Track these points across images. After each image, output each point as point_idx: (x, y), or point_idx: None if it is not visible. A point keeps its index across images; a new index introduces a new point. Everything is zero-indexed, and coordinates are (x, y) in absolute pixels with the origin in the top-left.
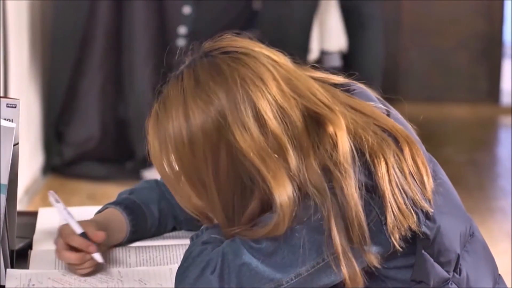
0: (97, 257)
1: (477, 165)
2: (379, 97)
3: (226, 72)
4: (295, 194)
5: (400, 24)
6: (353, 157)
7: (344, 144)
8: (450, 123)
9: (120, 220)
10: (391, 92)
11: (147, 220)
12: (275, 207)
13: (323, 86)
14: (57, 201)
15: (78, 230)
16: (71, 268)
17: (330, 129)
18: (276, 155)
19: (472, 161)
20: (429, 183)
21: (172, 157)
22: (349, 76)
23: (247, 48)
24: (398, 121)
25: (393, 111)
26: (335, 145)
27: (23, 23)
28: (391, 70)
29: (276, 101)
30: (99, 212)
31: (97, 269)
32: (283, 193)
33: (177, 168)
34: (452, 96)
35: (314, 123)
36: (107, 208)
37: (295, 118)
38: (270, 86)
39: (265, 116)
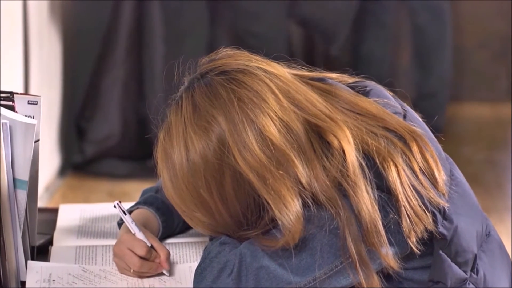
0: (166, 272)
1: (496, 164)
2: (394, 95)
3: (223, 95)
4: (305, 208)
5: None
6: (361, 167)
7: (351, 156)
8: (470, 122)
9: (154, 223)
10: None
11: (174, 220)
12: (281, 226)
13: (323, 95)
14: (124, 213)
15: (148, 243)
16: (121, 268)
17: (335, 142)
18: (281, 171)
19: (491, 160)
20: (441, 176)
21: (180, 185)
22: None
23: (243, 65)
24: (414, 119)
25: (409, 109)
26: (342, 158)
27: (44, 19)
28: None
29: (277, 115)
30: (130, 211)
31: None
32: (288, 212)
33: (185, 195)
34: (472, 95)
35: (317, 135)
36: (138, 208)
37: (298, 131)
38: (269, 101)
39: (268, 133)
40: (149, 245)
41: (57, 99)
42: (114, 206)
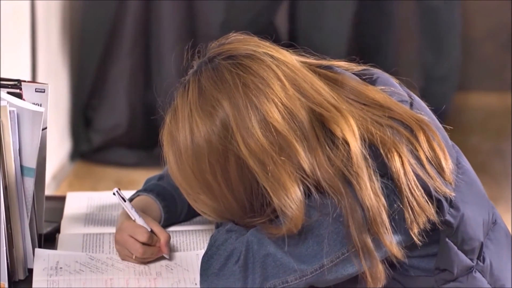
0: (166, 256)
1: (504, 153)
2: (400, 83)
3: (229, 79)
4: (310, 195)
5: None
6: (365, 157)
7: (355, 147)
8: (477, 112)
9: (154, 208)
10: None
11: (177, 206)
12: (280, 214)
13: (329, 84)
14: (124, 200)
15: (148, 228)
16: (123, 255)
17: (338, 132)
18: (283, 157)
19: (499, 149)
20: (448, 165)
21: (185, 167)
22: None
23: (251, 50)
24: (421, 108)
25: (416, 97)
26: (345, 148)
27: (52, 8)
28: None
29: (282, 102)
30: (130, 199)
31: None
32: (287, 199)
33: (190, 177)
34: (479, 85)
35: (321, 124)
36: (138, 195)
37: (302, 119)
38: (275, 87)
39: (271, 119)
40: (149, 230)
41: (64, 88)
42: (114, 194)
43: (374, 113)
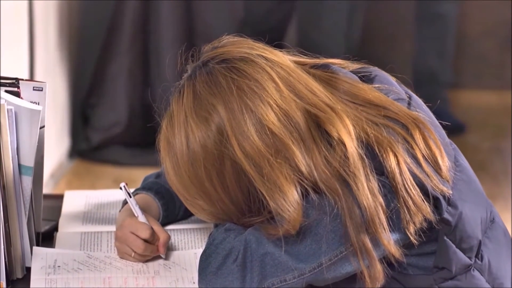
0: (162, 255)
1: (503, 152)
2: (398, 81)
3: (223, 84)
4: (308, 195)
5: None
6: (361, 158)
7: (351, 147)
8: (476, 109)
9: (153, 207)
10: None
11: (175, 204)
12: (276, 217)
13: (324, 84)
14: (129, 196)
15: (149, 225)
16: (121, 252)
17: (334, 133)
18: (279, 160)
19: (498, 147)
20: (444, 163)
21: (181, 173)
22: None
23: (244, 53)
24: (418, 106)
25: (413, 95)
26: (341, 148)
27: (50, 7)
28: None
29: (277, 104)
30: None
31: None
32: (284, 203)
33: (187, 183)
34: (478, 83)
35: (316, 125)
36: (137, 193)
37: (298, 120)
38: (269, 90)
39: (267, 121)
40: (151, 227)
41: (62, 87)
42: (121, 188)
43: (369, 113)
